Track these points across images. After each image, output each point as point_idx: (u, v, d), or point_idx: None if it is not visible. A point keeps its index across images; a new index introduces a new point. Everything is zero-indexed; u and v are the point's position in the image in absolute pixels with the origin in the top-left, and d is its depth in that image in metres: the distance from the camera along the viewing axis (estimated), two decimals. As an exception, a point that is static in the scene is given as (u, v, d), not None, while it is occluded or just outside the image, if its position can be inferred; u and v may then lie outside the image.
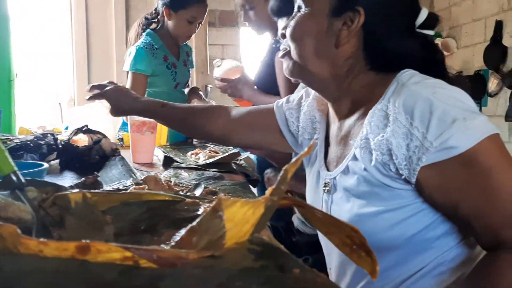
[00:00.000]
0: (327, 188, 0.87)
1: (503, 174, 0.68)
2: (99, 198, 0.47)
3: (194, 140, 1.82)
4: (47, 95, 3.36)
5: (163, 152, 1.46)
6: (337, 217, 0.83)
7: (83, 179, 0.96)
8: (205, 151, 1.43)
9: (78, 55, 3.28)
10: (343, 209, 0.82)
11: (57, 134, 1.64)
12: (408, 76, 0.77)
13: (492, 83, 3.34)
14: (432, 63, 0.84)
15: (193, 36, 3.39)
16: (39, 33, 3.37)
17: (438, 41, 3.71)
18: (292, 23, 0.85)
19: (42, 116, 3.32)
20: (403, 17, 0.82)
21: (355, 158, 0.80)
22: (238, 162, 1.36)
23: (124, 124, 1.79)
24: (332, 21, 0.81)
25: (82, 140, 1.25)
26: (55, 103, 3.27)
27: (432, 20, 0.83)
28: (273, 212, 0.41)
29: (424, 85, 0.74)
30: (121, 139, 1.41)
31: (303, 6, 0.84)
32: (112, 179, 1.00)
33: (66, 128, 2.19)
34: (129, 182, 0.96)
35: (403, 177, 0.73)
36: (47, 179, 0.87)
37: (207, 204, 0.50)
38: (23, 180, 0.43)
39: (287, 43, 0.87)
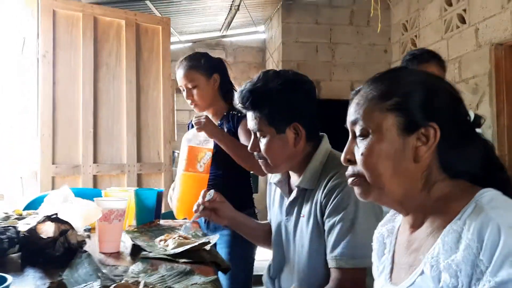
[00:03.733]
0: None
1: None
2: None
3: (162, 221, 1.79)
4: (8, 167, 3.26)
5: (131, 238, 1.43)
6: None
7: (47, 283, 0.93)
8: (174, 237, 1.41)
9: (44, 128, 3.20)
10: None
11: (19, 219, 1.58)
12: (488, 198, 0.77)
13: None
14: (493, 161, 0.86)
15: (160, 103, 3.60)
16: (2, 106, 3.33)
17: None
18: (362, 151, 0.84)
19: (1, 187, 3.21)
20: (465, 118, 0.85)
21: (423, 273, 0.79)
22: (207, 249, 1.34)
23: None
24: (405, 139, 0.82)
25: (46, 231, 1.20)
26: (16, 176, 3.17)
27: (479, 119, 0.87)
28: None
29: (502, 213, 0.73)
30: (89, 230, 1.37)
31: (369, 131, 0.84)
32: (77, 281, 0.95)
33: (25, 209, 2.12)
34: (96, 285, 0.92)
35: None
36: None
37: None
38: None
39: (355, 169, 0.87)
